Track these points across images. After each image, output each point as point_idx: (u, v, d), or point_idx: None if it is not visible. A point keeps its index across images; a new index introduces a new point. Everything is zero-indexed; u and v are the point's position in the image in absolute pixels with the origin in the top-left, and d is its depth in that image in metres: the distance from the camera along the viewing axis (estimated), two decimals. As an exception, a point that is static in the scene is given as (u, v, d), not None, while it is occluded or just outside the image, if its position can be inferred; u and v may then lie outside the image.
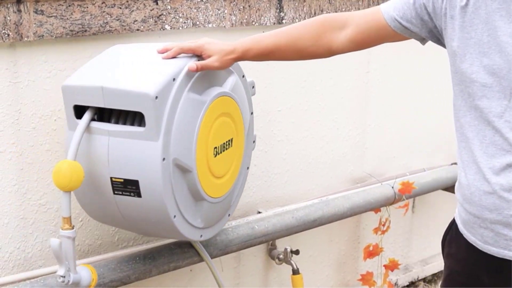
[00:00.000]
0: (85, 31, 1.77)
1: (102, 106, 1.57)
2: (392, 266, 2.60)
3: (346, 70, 2.42)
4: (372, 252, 2.53)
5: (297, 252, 2.29)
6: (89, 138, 1.60)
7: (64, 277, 1.56)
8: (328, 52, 1.62)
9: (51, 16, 1.71)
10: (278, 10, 2.13)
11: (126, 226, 1.77)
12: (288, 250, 2.27)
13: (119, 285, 1.83)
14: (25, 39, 1.68)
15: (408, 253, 2.90)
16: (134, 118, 1.59)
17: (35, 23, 1.68)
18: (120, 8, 1.82)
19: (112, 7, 1.80)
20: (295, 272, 2.29)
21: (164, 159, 1.56)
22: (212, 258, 2.02)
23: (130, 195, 1.61)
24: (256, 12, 2.08)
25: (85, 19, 1.76)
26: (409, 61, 2.61)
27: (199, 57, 1.64)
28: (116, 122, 1.60)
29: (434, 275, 2.99)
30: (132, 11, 1.84)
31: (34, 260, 1.83)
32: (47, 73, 1.75)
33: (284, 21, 2.15)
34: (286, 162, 2.33)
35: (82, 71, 1.65)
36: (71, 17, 1.74)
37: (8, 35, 1.65)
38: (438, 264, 2.99)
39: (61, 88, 1.61)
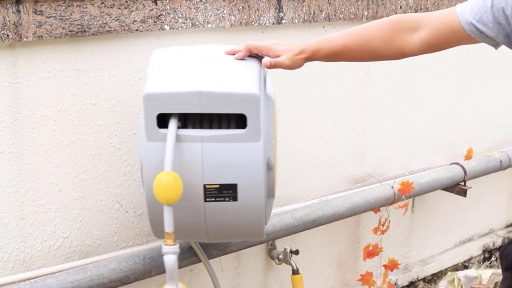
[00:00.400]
0: (85, 31, 1.77)
1: (198, 111, 1.52)
2: (391, 266, 2.60)
3: (346, 70, 2.41)
4: (371, 252, 2.53)
5: (296, 252, 2.29)
6: (178, 147, 1.52)
7: None
8: (400, 54, 1.59)
9: (50, 17, 1.71)
10: (277, 11, 2.13)
11: (202, 235, 1.68)
12: (288, 250, 2.27)
13: (118, 285, 1.84)
14: (24, 39, 1.68)
15: (407, 253, 2.90)
16: (218, 120, 1.56)
17: (34, 24, 1.68)
18: (120, 8, 1.82)
19: (111, 7, 1.80)
20: (295, 272, 2.29)
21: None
22: (211, 258, 2.02)
23: (224, 200, 1.57)
24: (256, 12, 2.08)
25: (84, 20, 1.76)
26: (409, 61, 2.61)
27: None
28: (203, 127, 1.55)
29: (433, 275, 2.99)
30: (132, 11, 1.84)
31: (34, 261, 1.83)
32: (47, 73, 1.75)
33: (283, 21, 2.15)
34: (286, 162, 2.33)
35: (157, 78, 1.56)
36: (70, 18, 1.74)
37: (8, 35, 1.65)
38: (437, 264, 2.99)
39: (144, 97, 1.51)
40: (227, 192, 1.57)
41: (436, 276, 3.00)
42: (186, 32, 1.97)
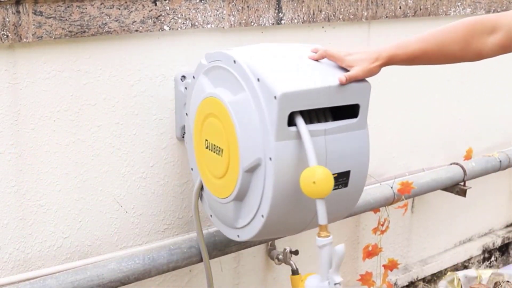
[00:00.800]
0: (84, 32, 1.77)
1: (327, 105, 1.60)
2: (391, 266, 2.60)
3: (345, 71, 2.41)
4: (371, 252, 2.53)
5: (296, 253, 2.29)
6: (301, 143, 1.57)
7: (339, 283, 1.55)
8: (477, 57, 1.60)
9: (50, 17, 1.71)
10: (276, 11, 2.13)
11: (298, 227, 1.71)
12: (288, 250, 2.27)
13: (118, 285, 1.84)
14: (24, 40, 1.68)
15: (407, 253, 2.90)
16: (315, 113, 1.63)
17: (34, 24, 1.69)
18: (119, 9, 1.82)
19: (111, 8, 1.80)
20: (295, 272, 2.28)
21: None
22: (211, 258, 2.02)
23: (338, 188, 1.66)
24: (255, 12, 2.08)
25: (84, 20, 1.76)
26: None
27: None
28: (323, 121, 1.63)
29: (433, 275, 2.99)
30: (131, 12, 1.84)
31: (34, 261, 1.83)
32: (46, 74, 1.76)
33: (282, 21, 2.15)
34: (285, 163, 2.33)
35: (280, 78, 1.59)
36: (70, 18, 1.74)
37: (7, 36, 1.65)
38: (437, 264, 2.99)
39: (280, 97, 1.53)
40: (341, 179, 1.65)
41: (436, 276, 3.00)
42: (185, 33, 1.97)
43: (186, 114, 1.87)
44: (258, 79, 1.58)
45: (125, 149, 1.93)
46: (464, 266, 3.14)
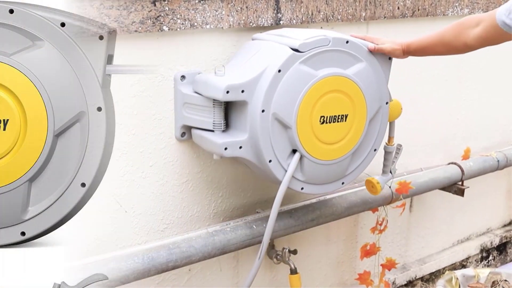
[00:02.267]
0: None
1: None
2: (389, 265, 2.61)
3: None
4: (369, 251, 2.54)
5: (295, 252, 2.29)
6: None
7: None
8: (465, 46, 1.90)
9: (50, 18, 1.71)
10: (275, 11, 2.14)
11: None
12: (286, 249, 2.28)
13: (117, 285, 1.84)
14: (24, 40, 1.68)
15: (405, 252, 2.91)
16: None
17: (34, 25, 1.69)
18: (118, 9, 1.82)
19: (110, 8, 1.81)
20: (293, 271, 2.29)
21: None
22: (210, 257, 2.03)
23: None
24: (254, 13, 2.09)
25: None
26: (406, 61, 2.62)
27: None
28: None
29: (431, 274, 3.00)
30: (130, 12, 1.85)
31: (33, 260, 1.84)
32: (46, 74, 1.76)
33: (281, 22, 2.16)
34: (284, 162, 2.34)
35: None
36: (69, 19, 1.74)
37: (7, 36, 1.65)
38: (435, 263, 3.00)
39: (392, 59, 2.10)
40: None
41: (434, 275, 3.01)
42: (184, 33, 1.98)
43: (263, 111, 1.87)
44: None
45: (124, 149, 1.94)
46: (462, 265, 3.15)
